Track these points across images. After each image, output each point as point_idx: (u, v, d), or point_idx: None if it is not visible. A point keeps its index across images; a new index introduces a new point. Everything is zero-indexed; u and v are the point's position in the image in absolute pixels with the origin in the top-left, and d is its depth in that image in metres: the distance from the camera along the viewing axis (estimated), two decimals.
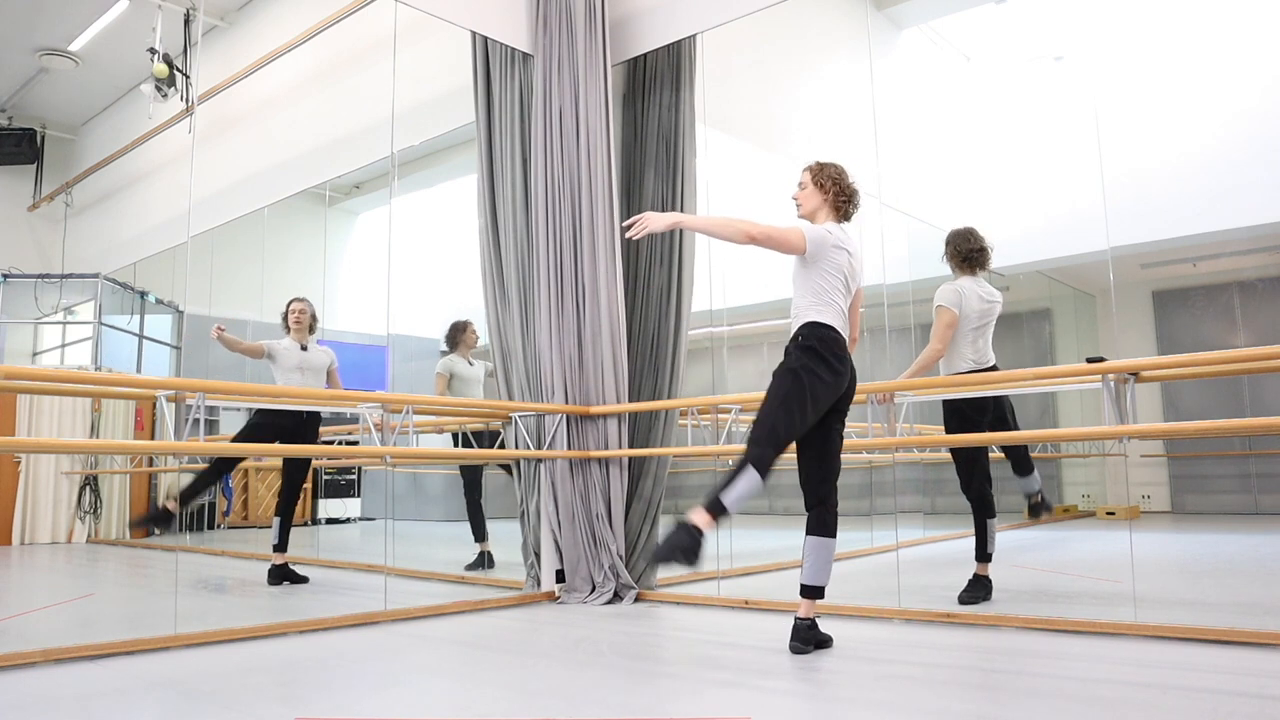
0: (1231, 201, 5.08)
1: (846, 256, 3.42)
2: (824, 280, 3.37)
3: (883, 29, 6.38)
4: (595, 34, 5.08)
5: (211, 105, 5.76)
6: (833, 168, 3.50)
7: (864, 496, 5.88)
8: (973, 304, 4.30)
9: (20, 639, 3.61)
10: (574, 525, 4.82)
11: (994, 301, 4.39)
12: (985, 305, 4.34)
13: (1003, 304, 4.46)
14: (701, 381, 5.85)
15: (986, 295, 4.38)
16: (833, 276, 3.38)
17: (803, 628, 3.30)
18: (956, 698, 2.71)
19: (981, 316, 4.33)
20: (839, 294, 3.39)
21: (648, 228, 3.36)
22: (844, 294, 3.41)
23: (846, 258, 3.42)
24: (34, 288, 5.97)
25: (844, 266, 3.40)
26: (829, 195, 3.47)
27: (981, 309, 4.32)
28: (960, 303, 4.28)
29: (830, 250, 3.37)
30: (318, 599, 4.88)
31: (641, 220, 3.37)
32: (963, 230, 4.47)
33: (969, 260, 4.40)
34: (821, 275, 3.37)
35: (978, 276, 4.41)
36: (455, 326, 6.14)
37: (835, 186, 3.46)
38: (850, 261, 3.44)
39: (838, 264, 3.38)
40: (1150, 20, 5.55)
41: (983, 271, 4.44)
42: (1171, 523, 6.57)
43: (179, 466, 6.34)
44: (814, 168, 3.52)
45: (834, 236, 3.40)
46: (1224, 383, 5.92)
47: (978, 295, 4.33)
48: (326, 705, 2.65)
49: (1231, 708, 2.44)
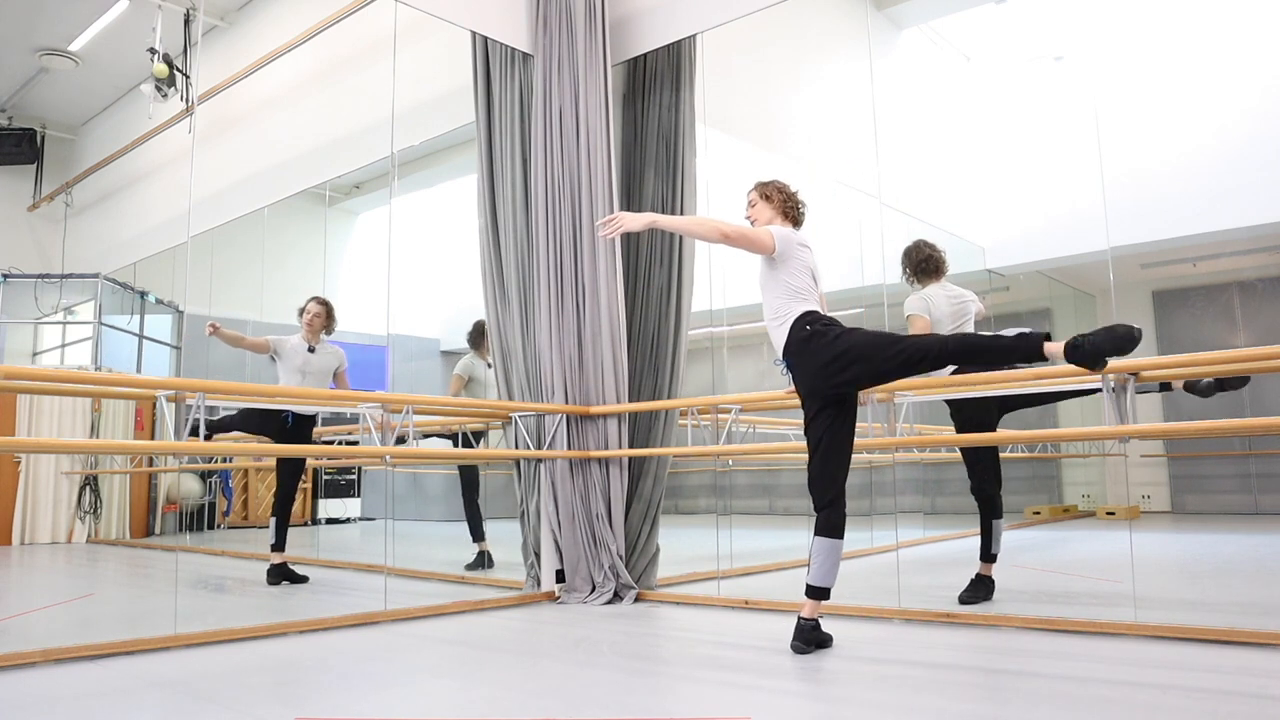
0: (1231, 201, 5.08)
1: (810, 254, 3.58)
2: (794, 279, 3.50)
3: (883, 29, 6.38)
4: (595, 34, 5.08)
5: (211, 105, 5.76)
6: (775, 181, 3.72)
7: (864, 496, 5.88)
8: (942, 307, 4.41)
9: (20, 639, 3.61)
10: (574, 525, 4.82)
11: (965, 300, 4.49)
12: (956, 305, 4.45)
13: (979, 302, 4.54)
14: (701, 381, 5.85)
15: (954, 296, 4.49)
16: (802, 274, 3.51)
17: (806, 628, 3.31)
18: (956, 698, 2.71)
19: (955, 316, 4.43)
20: (811, 290, 3.52)
21: (622, 227, 3.41)
22: (814, 289, 3.54)
23: (810, 255, 3.58)
24: (34, 288, 5.97)
25: (810, 263, 3.56)
26: (777, 204, 3.67)
27: (953, 310, 4.43)
28: (929, 308, 4.39)
29: (796, 248, 3.53)
30: (317, 599, 4.88)
31: (615, 220, 3.43)
32: (911, 245, 4.61)
33: (921, 270, 4.54)
34: (791, 274, 3.50)
35: (941, 281, 4.53)
36: (479, 327, 5.97)
37: (780, 195, 3.68)
38: (813, 259, 3.59)
39: (804, 261, 3.53)
40: (1150, 20, 5.55)
41: (942, 277, 4.55)
42: (1171, 523, 6.57)
43: (179, 466, 6.35)
44: (757, 187, 3.74)
45: (797, 235, 3.59)
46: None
47: (945, 298, 4.45)
48: (326, 705, 2.65)
49: (1231, 708, 2.44)
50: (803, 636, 3.29)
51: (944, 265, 4.55)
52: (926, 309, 4.38)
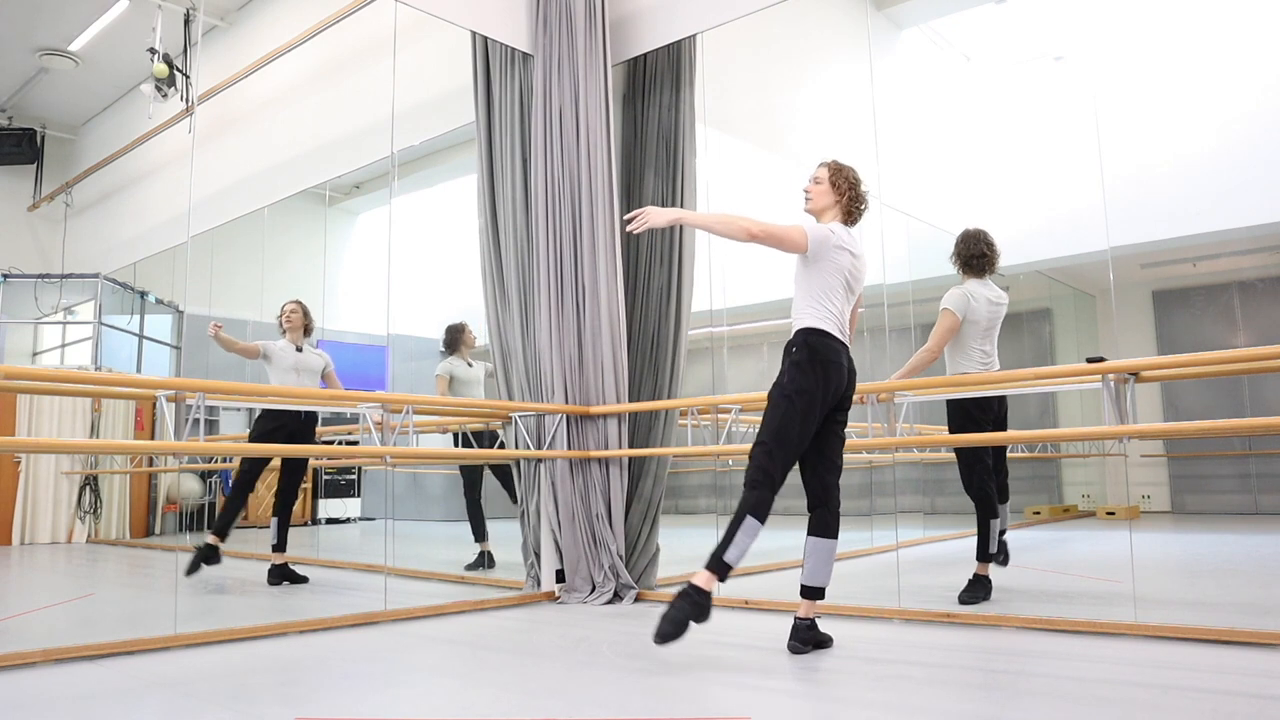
0: (1231, 201, 5.08)
1: (850, 258, 3.39)
2: (824, 280, 3.34)
3: (883, 29, 6.38)
4: (595, 34, 5.08)
5: (211, 105, 5.76)
6: (851, 171, 3.47)
7: (864, 496, 5.88)
8: (981, 308, 4.30)
9: (20, 639, 3.61)
10: (574, 525, 4.82)
11: (1001, 304, 4.41)
12: (993, 308, 4.36)
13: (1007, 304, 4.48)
14: (701, 381, 5.85)
15: (995, 298, 4.39)
16: (833, 277, 3.35)
17: (802, 627, 3.30)
18: (956, 698, 2.71)
19: (990, 319, 4.34)
20: (838, 296, 3.36)
21: (649, 222, 3.34)
22: (844, 296, 3.39)
23: (850, 259, 3.39)
24: (34, 288, 5.97)
25: (846, 268, 3.38)
26: (842, 197, 3.44)
27: (989, 312, 4.34)
28: (967, 308, 4.28)
29: (832, 250, 3.34)
30: (318, 599, 4.88)
31: (643, 214, 3.36)
32: (970, 233, 4.47)
33: (970, 266, 4.42)
34: (821, 276, 3.35)
35: (985, 279, 4.42)
36: (452, 329, 6.13)
37: (851, 191, 3.43)
38: (854, 264, 3.41)
39: (839, 265, 3.36)
40: (1150, 20, 5.55)
41: (990, 274, 4.45)
42: (1171, 523, 6.57)
43: (179, 467, 6.34)
44: (832, 166, 3.48)
45: (836, 237, 3.37)
46: (1224, 383, 5.92)
47: (986, 299, 4.34)
48: (326, 705, 2.65)
49: (1231, 708, 2.44)
50: (799, 636, 3.29)
51: (996, 264, 4.42)
52: (964, 309, 4.26)
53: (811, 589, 3.33)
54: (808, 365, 3.29)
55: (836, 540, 3.36)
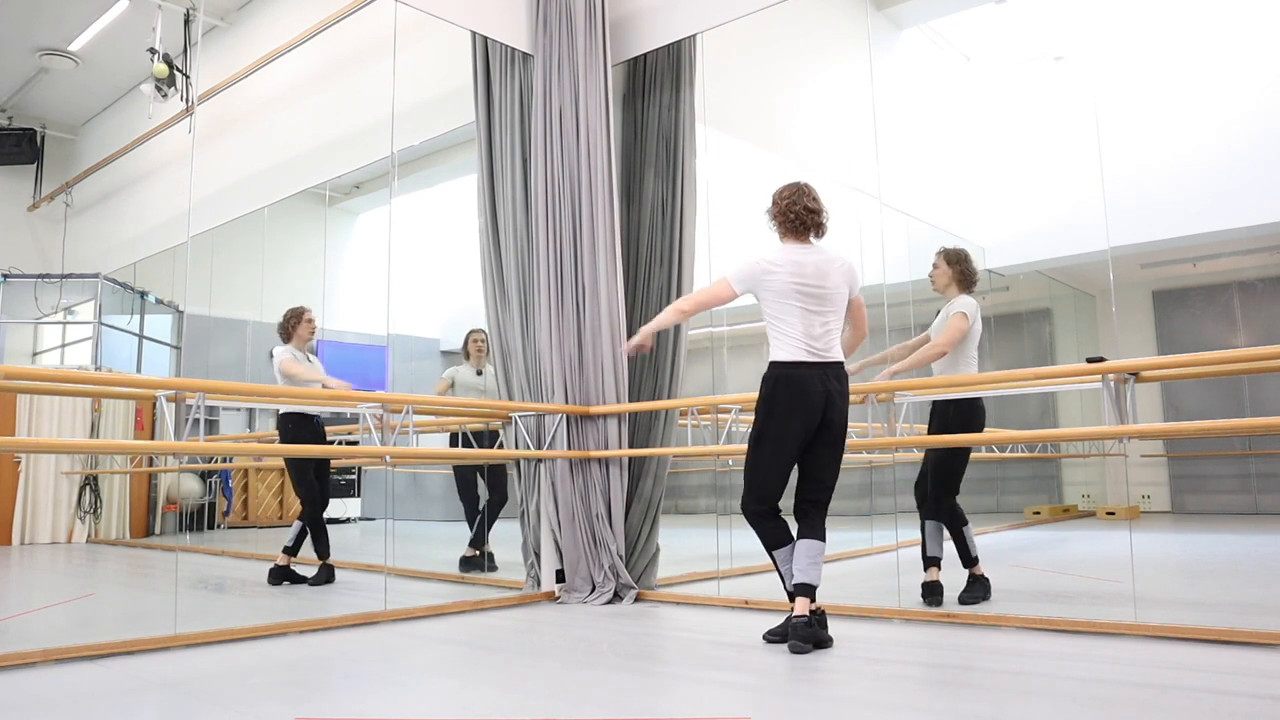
0: (1231, 201, 5.08)
1: (788, 274, 3.41)
2: (774, 307, 3.45)
3: (883, 29, 6.38)
4: (595, 34, 5.08)
5: (211, 105, 5.76)
6: (777, 193, 3.57)
7: (864, 496, 5.88)
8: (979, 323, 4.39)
9: (20, 639, 3.61)
10: (574, 525, 4.82)
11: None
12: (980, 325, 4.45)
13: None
14: (701, 381, 5.85)
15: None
16: (783, 299, 3.42)
17: (800, 625, 3.31)
18: (956, 698, 2.71)
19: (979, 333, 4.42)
20: (796, 314, 3.40)
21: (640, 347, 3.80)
22: (805, 311, 3.41)
23: (788, 274, 3.41)
24: (34, 288, 5.98)
25: (785, 286, 3.41)
26: (776, 221, 3.56)
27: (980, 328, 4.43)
28: (977, 319, 4.36)
29: (762, 278, 3.44)
30: (318, 599, 4.88)
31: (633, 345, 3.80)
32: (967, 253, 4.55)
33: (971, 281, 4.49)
34: (769, 304, 3.46)
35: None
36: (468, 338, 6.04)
37: (780, 214, 3.53)
38: (799, 275, 3.42)
39: (782, 285, 3.41)
40: (1150, 20, 5.55)
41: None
42: (1171, 523, 6.57)
43: (179, 467, 6.35)
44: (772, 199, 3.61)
45: (766, 261, 3.45)
46: (1224, 383, 5.92)
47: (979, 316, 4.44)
48: (326, 705, 2.65)
49: (1231, 708, 2.44)
50: (800, 634, 3.30)
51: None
52: (976, 318, 4.35)
53: (805, 586, 3.37)
54: (773, 401, 3.43)
55: (825, 542, 3.46)
